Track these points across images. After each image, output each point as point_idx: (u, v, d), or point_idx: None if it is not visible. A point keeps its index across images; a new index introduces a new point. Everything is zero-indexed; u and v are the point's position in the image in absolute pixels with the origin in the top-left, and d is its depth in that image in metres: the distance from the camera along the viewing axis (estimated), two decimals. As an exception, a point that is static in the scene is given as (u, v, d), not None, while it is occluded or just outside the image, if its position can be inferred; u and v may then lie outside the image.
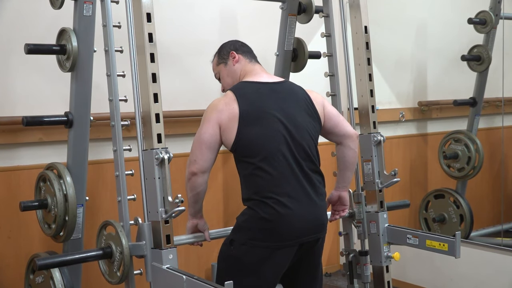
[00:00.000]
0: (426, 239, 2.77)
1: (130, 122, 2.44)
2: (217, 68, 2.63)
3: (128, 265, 2.30)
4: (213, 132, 2.36)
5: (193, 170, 2.39)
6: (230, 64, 2.57)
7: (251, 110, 2.36)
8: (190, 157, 2.39)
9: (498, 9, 4.00)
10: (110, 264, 2.38)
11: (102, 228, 2.43)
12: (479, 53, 4.08)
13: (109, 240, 2.37)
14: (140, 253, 2.31)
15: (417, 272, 3.89)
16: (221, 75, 2.62)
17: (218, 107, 2.38)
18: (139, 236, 2.33)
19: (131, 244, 2.32)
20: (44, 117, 2.70)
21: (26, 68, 3.02)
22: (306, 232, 2.37)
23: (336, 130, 2.55)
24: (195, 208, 2.51)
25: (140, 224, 2.31)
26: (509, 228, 4.13)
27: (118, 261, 2.33)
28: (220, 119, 2.36)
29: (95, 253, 2.37)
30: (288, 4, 3.22)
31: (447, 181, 4.17)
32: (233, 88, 2.45)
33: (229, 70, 2.58)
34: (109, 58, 2.41)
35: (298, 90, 2.50)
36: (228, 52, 2.59)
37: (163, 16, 2.94)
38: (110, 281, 2.40)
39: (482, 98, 4.12)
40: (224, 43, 2.64)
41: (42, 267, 2.30)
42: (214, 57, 2.66)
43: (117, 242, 2.33)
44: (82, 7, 2.53)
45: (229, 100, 2.38)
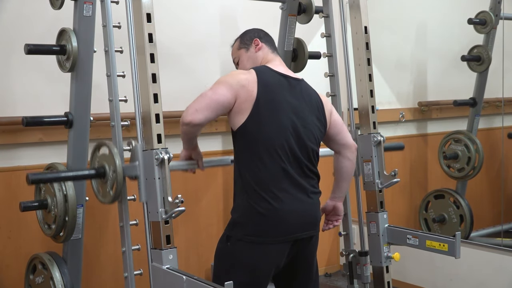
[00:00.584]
0: (426, 240, 2.77)
1: (130, 122, 2.45)
2: (237, 52, 2.59)
3: (121, 185, 2.32)
4: (228, 98, 2.30)
5: (190, 120, 2.29)
6: (252, 50, 2.54)
7: (268, 99, 2.34)
8: (193, 105, 2.31)
9: (498, 9, 4.00)
10: (103, 184, 2.39)
11: (95, 149, 2.44)
12: (479, 53, 4.08)
13: (103, 160, 2.38)
14: (134, 173, 2.31)
15: (417, 273, 3.89)
16: (240, 59, 2.57)
17: (241, 81, 2.33)
18: (132, 158, 2.33)
19: (125, 165, 2.33)
20: (44, 118, 2.70)
21: (26, 68, 3.02)
22: (300, 228, 2.38)
23: (338, 138, 2.55)
24: (190, 144, 2.48)
25: (134, 146, 2.32)
26: (509, 228, 4.13)
27: (111, 180, 2.34)
28: (238, 93, 2.31)
29: (88, 172, 2.39)
30: (288, 5, 3.22)
31: (447, 182, 4.17)
32: (257, 69, 2.40)
33: (249, 56, 2.54)
34: (109, 58, 2.41)
35: (312, 93, 2.51)
36: (252, 38, 2.56)
37: (163, 17, 2.94)
38: (102, 200, 2.43)
39: (482, 98, 4.12)
40: (248, 30, 2.61)
41: (35, 181, 2.33)
42: (235, 41, 2.63)
43: (110, 162, 2.34)
44: (82, 7, 2.53)
45: (252, 79, 2.34)
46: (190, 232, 3.54)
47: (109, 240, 3.32)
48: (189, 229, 3.53)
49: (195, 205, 3.56)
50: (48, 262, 2.63)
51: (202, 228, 3.61)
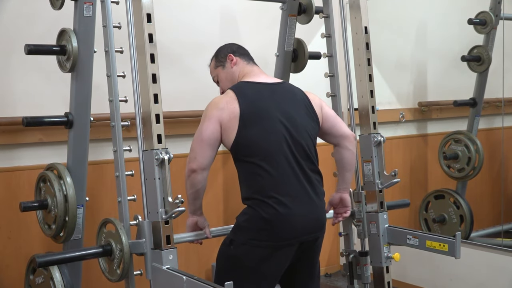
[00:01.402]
0: (426, 240, 2.77)
1: (130, 122, 2.44)
2: (215, 71, 2.64)
3: (128, 263, 2.31)
4: (214, 129, 2.36)
5: (193, 167, 2.39)
6: (228, 67, 2.58)
7: (252, 110, 2.36)
8: (190, 154, 2.40)
9: (498, 9, 4.00)
10: (110, 262, 2.38)
11: (102, 225, 2.43)
12: (479, 53, 4.08)
13: (109, 237, 2.38)
14: (140, 251, 2.31)
15: (417, 273, 3.89)
16: (219, 78, 2.62)
17: (219, 105, 2.38)
18: (139, 234, 2.33)
19: (131, 242, 2.32)
20: (44, 118, 2.70)
21: (26, 68, 3.02)
22: (306, 231, 2.38)
23: (333, 131, 2.56)
24: (195, 205, 2.51)
25: (140, 222, 2.32)
26: (509, 228, 4.13)
27: (118, 258, 2.33)
28: (221, 117, 2.36)
29: (95, 250, 2.37)
30: (288, 5, 3.22)
31: (447, 182, 4.17)
32: (234, 87, 2.45)
33: (227, 73, 2.58)
34: (109, 59, 2.41)
35: (297, 91, 2.51)
36: (226, 55, 2.59)
37: (163, 17, 2.94)
38: (110, 278, 2.41)
39: (482, 98, 4.12)
40: (221, 47, 2.65)
41: (42, 264, 2.30)
42: (212, 60, 2.67)
43: (117, 239, 2.34)
44: (82, 7, 2.53)
45: (229, 99, 2.39)
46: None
47: (109, 240, 3.32)
48: (189, 229, 3.53)
49: (195, 205, 3.56)
50: (48, 262, 2.63)
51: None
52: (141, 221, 2.31)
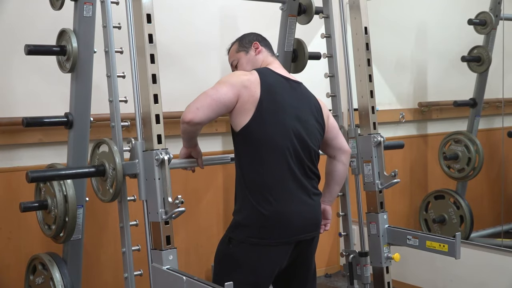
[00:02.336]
0: (426, 240, 2.77)
1: (130, 123, 2.44)
2: (236, 55, 2.57)
3: (121, 183, 2.32)
4: (232, 98, 2.30)
5: (191, 119, 2.29)
6: (251, 54, 2.54)
7: (271, 100, 2.34)
8: (195, 103, 2.31)
9: (498, 10, 4.00)
10: (103, 182, 2.39)
11: (95, 147, 2.44)
12: (479, 54, 4.08)
13: (103, 158, 2.38)
14: (133, 171, 2.30)
15: (417, 273, 3.89)
16: (239, 62, 2.56)
17: (244, 81, 2.33)
18: (132, 155, 2.33)
19: (124, 163, 2.33)
20: (44, 118, 2.70)
21: (26, 69, 3.02)
22: (304, 230, 2.38)
23: (334, 143, 2.56)
24: (190, 142, 2.48)
25: (133, 143, 2.32)
26: (509, 229, 4.13)
27: (111, 178, 2.34)
28: (242, 94, 2.31)
29: (88, 170, 2.38)
30: (288, 5, 3.22)
31: (447, 182, 4.17)
32: (259, 70, 2.41)
33: (249, 59, 2.54)
34: (109, 59, 2.41)
35: (311, 96, 2.52)
36: (251, 41, 2.55)
37: (163, 17, 2.95)
38: (102, 199, 2.43)
39: (482, 99, 4.12)
40: (246, 33, 2.61)
41: (34, 179, 2.32)
42: (233, 44, 2.62)
43: (110, 160, 2.34)
44: (82, 8, 2.53)
45: (254, 80, 2.34)
46: (190, 232, 3.54)
47: (109, 240, 3.33)
48: (189, 230, 3.53)
49: (195, 205, 3.56)
50: (48, 262, 2.63)
51: (202, 228, 3.61)
52: (134, 142, 2.31)
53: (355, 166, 2.99)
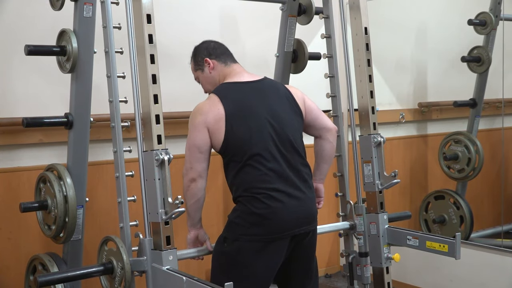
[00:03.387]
0: (426, 240, 2.77)
1: (130, 123, 2.44)
2: (195, 73, 2.66)
3: (129, 281, 2.31)
4: (203, 136, 2.40)
5: (192, 176, 2.41)
6: (206, 71, 2.59)
7: (237, 110, 2.40)
8: (186, 166, 2.43)
9: (498, 10, 4.00)
10: (112, 280, 2.38)
11: (103, 243, 2.44)
12: (479, 54, 4.08)
13: (110, 255, 2.37)
14: (141, 268, 2.31)
15: (417, 274, 3.89)
16: (200, 81, 2.65)
17: (203, 110, 2.41)
18: (140, 252, 2.33)
19: (132, 260, 2.32)
20: (44, 118, 2.70)
21: (26, 69, 3.02)
22: (297, 224, 2.40)
23: (316, 123, 2.60)
24: (195, 218, 2.53)
25: (141, 239, 2.32)
26: (509, 229, 4.12)
27: (120, 276, 2.33)
28: (206, 122, 2.39)
29: (97, 269, 2.38)
30: (288, 5, 3.22)
31: (447, 182, 4.17)
32: (216, 90, 2.48)
33: (206, 77, 2.60)
34: (109, 59, 2.41)
35: (279, 86, 2.56)
36: (202, 59, 2.60)
37: (163, 18, 2.94)
38: None
39: (482, 99, 4.12)
40: (198, 47, 2.66)
41: (43, 284, 2.27)
42: (191, 61, 2.68)
43: (118, 257, 2.33)
44: (82, 8, 2.53)
45: (212, 102, 2.42)
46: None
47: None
48: (189, 230, 3.52)
49: (195, 206, 3.55)
50: (48, 263, 2.63)
51: (202, 229, 3.60)
52: (142, 238, 2.31)
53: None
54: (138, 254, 2.34)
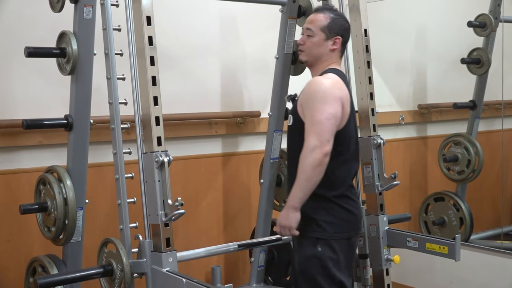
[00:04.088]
0: (426, 242, 2.77)
1: (130, 125, 2.45)
2: (318, 30, 2.43)
3: (129, 283, 2.31)
4: (340, 110, 2.33)
5: (327, 150, 2.24)
6: (328, 44, 2.44)
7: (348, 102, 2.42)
8: (321, 138, 2.24)
9: (497, 12, 4.00)
10: (111, 282, 2.38)
11: (103, 245, 2.44)
12: (478, 56, 4.08)
13: (110, 257, 2.37)
14: (141, 270, 2.31)
15: (417, 275, 3.89)
16: (313, 40, 2.44)
17: (339, 86, 2.37)
18: (139, 254, 2.33)
19: (132, 262, 2.32)
20: (44, 120, 2.70)
21: (26, 71, 3.02)
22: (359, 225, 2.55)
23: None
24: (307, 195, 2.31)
25: (141, 241, 2.32)
26: (509, 231, 4.13)
27: (119, 278, 2.33)
28: (342, 99, 2.35)
29: (96, 271, 2.38)
30: (288, 7, 3.22)
31: (447, 184, 4.17)
32: (337, 74, 2.42)
33: (322, 47, 2.44)
34: (109, 61, 2.41)
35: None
36: (336, 34, 2.44)
37: (163, 19, 2.94)
38: None
39: (482, 101, 4.12)
40: (338, 19, 2.47)
41: (43, 286, 2.27)
42: (322, 13, 2.46)
43: (117, 259, 2.33)
44: (82, 10, 2.53)
45: (341, 83, 2.40)
46: (190, 234, 3.54)
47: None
48: (189, 232, 3.53)
49: (195, 207, 3.56)
50: (48, 265, 2.63)
51: (202, 231, 3.61)
52: (141, 240, 2.31)
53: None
54: (138, 256, 2.34)
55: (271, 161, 3.31)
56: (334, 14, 2.49)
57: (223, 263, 3.63)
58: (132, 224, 2.40)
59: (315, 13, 2.51)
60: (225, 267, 3.66)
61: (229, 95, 3.68)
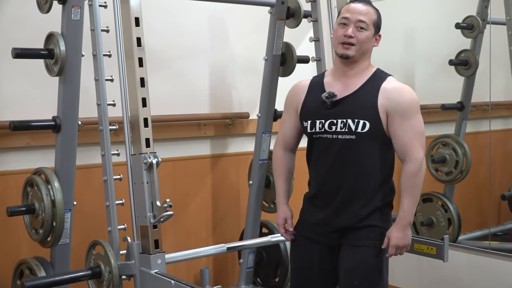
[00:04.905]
0: (415, 243, 2.78)
1: (118, 126, 2.44)
2: (370, 25, 2.26)
3: (118, 285, 2.31)
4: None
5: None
6: (373, 41, 2.30)
7: None
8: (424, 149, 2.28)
9: (485, 14, 4.02)
10: (100, 284, 2.38)
11: (91, 247, 2.43)
12: (466, 57, 4.10)
13: (98, 259, 2.36)
14: (129, 272, 2.31)
15: (406, 276, 3.90)
16: (368, 33, 2.25)
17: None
18: (128, 256, 2.32)
19: (120, 264, 2.31)
20: (31, 122, 2.69)
21: (14, 72, 3.01)
22: None
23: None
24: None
25: (129, 243, 2.31)
26: (496, 231, 4.15)
27: (108, 281, 2.33)
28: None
29: (84, 273, 2.38)
30: (277, 9, 3.23)
31: (435, 185, 4.19)
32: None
33: (371, 42, 2.29)
34: (97, 63, 2.41)
35: None
36: (379, 31, 2.33)
37: (151, 21, 2.94)
38: None
39: (470, 102, 4.14)
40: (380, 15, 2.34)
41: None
42: (371, 6, 2.29)
43: (106, 262, 2.33)
44: (70, 11, 2.52)
45: None
46: (179, 236, 3.53)
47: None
48: (178, 234, 3.52)
49: (183, 209, 3.56)
50: (36, 267, 2.61)
51: (191, 232, 3.60)
52: (130, 242, 2.31)
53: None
54: (126, 258, 2.33)
55: (260, 163, 3.31)
56: (375, 7, 2.32)
57: (212, 264, 3.63)
58: (121, 226, 2.39)
59: (362, 3, 2.26)
60: (214, 269, 3.66)
61: (218, 96, 3.68)
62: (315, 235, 2.32)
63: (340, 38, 2.23)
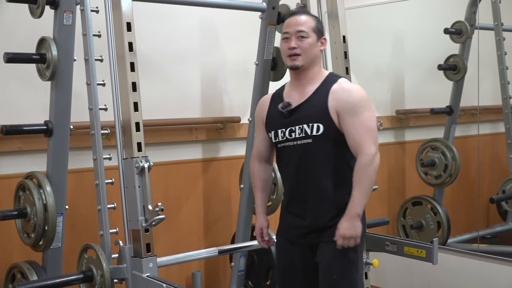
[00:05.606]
0: (404, 246, 2.80)
1: (110, 131, 2.45)
2: (311, 31, 2.33)
3: None
4: None
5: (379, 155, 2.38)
6: (318, 46, 2.36)
7: None
8: (377, 143, 2.41)
9: (473, 19, 4.07)
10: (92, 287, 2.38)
11: (83, 251, 2.43)
12: (455, 62, 4.14)
13: (90, 263, 2.37)
14: (121, 276, 2.31)
15: (396, 279, 3.92)
16: (310, 40, 2.32)
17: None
18: (120, 259, 2.33)
19: (112, 267, 2.32)
20: (23, 126, 2.69)
21: (6, 77, 3.01)
22: None
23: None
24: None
25: (121, 247, 2.32)
26: (485, 234, 4.19)
27: (99, 284, 2.33)
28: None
29: (76, 276, 2.38)
30: (268, 14, 3.25)
31: (424, 189, 4.22)
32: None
33: (316, 47, 2.35)
34: (89, 67, 2.42)
35: None
36: (322, 34, 2.39)
37: (143, 26, 2.95)
38: None
39: (458, 106, 4.18)
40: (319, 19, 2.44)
41: None
42: (311, 17, 2.38)
43: (98, 265, 2.33)
44: (62, 16, 2.54)
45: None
46: (171, 240, 3.54)
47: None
48: (170, 237, 3.53)
49: (175, 213, 3.57)
50: (28, 271, 2.62)
51: (182, 236, 3.61)
52: (122, 246, 2.32)
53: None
54: (118, 262, 2.34)
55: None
56: (312, 15, 2.45)
57: (203, 268, 3.64)
58: (112, 229, 2.40)
59: (298, 15, 2.36)
60: (206, 272, 3.67)
61: (209, 100, 3.69)
62: (294, 238, 2.40)
63: (286, 52, 2.34)
